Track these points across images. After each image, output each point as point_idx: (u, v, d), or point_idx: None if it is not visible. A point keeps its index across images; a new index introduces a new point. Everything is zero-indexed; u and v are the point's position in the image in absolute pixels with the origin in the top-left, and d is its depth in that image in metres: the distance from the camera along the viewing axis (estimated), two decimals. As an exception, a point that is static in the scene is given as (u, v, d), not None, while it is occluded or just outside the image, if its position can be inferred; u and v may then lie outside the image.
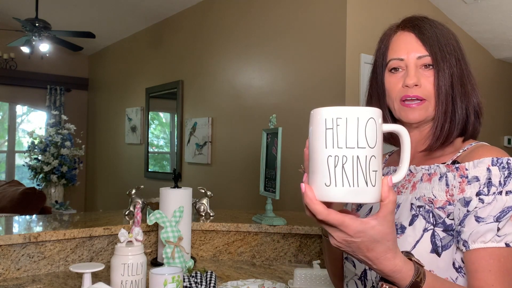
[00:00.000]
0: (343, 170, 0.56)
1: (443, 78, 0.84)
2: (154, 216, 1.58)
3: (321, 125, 0.57)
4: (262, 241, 1.87)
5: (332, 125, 0.56)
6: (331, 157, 0.56)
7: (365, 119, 0.57)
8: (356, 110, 0.57)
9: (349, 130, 0.56)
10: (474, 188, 0.77)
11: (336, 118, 0.56)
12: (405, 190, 0.89)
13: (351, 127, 0.56)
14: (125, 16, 5.27)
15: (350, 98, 3.13)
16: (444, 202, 0.80)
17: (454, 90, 0.85)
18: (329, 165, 0.57)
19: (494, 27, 3.86)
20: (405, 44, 0.88)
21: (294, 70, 3.50)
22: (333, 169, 0.56)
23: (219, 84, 4.30)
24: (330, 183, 0.57)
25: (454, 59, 0.85)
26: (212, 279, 1.41)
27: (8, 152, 6.46)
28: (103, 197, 6.53)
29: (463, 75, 0.86)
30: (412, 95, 0.85)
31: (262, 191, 1.97)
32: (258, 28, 3.87)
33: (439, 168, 0.85)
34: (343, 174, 0.56)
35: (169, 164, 5.17)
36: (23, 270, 1.55)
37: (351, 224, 0.59)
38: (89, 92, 7.06)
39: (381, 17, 3.32)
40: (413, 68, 0.86)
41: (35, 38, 4.45)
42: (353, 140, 0.56)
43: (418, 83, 0.85)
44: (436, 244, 0.78)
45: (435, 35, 0.86)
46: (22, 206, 4.35)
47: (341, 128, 0.56)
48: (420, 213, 0.82)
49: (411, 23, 0.89)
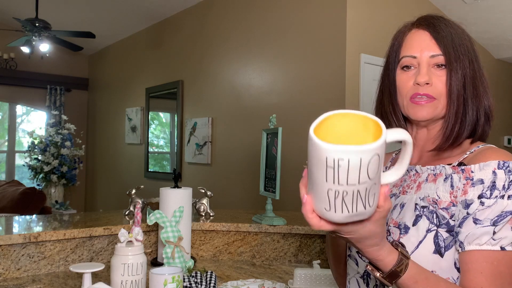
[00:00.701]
0: (343, 201, 0.56)
1: (455, 78, 0.83)
2: (154, 216, 1.58)
3: (322, 161, 0.54)
4: (262, 241, 1.87)
5: (333, 165, 0.53)
6: (331, 190, 0.55)
7: (368, 158, 0.53)
8: (359, 150, 0.52)
9: (351, 171, 0.53)
10: (477, 191, 0.77)
11: (338, 159, 0.52)
12: (410, 190, 0.88)
13: (353, 168, 0.53)
14: (125, 16, 5.27)
15: (350, 98, 3.13)
16: (448, 203, 0.80)
17: (466, 91, 0.84)
18: (329, 196, 0.56)
19: (494, 27, 3.86)
20: (419, 42, 0.87)
21: (294, 70, 3.50)
22: (333, 200, 0.56)
23: (219, 84, 4.30)
24: (329, 209, 0.58)
25: (467, 60, 0.85)
26: (212, 279, 1.41)
27: (8, 152, 6.46)
28: (103, 197, 6.53)
29: (475, 77, 0.85)
30: (423, 93, 0.85)
31: (262, 191, 1.97)
32: (258, 28, 3.87)
33: (444, 169, 0.84)
34: (343, 204, 0.56)
35: (169, 164, 5.17)
36: (23, 270, 1.55)
37: (344, 229, 0.64)
38: (89, 92, 7.06)
39: (381, 17, 3.32)
40: (425, 66, 0.85)
41: (35, 38, 4.45)
42: (354, 179, 0.54)
43: (430, 81, 0.85)
44: (439, 245, 0.78)
45: (449, 34, 0.85)
46: (22, 206, 4.35)
47: (342, 169, 0.53)
48: (424, 213, 0.82)
49: (426, 21, 0.88)
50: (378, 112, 0.97)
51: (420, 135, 0.92)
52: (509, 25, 3.81)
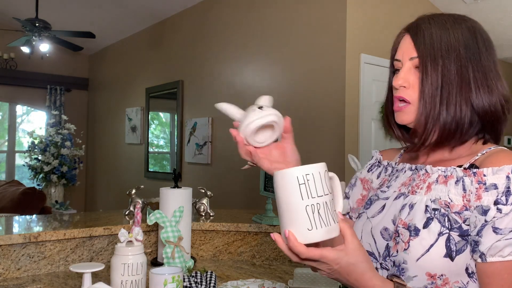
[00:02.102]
0: (319, 215, 0.70)
1: (429, 79, 0.82)
2: (154, 216, 1.58)
3: (294, 183, 0.70)
4: (262, 241, 1.87)
5: (304, 181, 0.70)
6: (308, 206, 0.70)
7: (323, 172, 0.72)
8: (316, 166, 0.72)
9: (317, 182, 0.71)
10: (492, 196, 0.75)
11: (306, 175, 0.70)
12: (419, 190, 0.86)
13: (318, 180, 0.71)
14: (125, 16, 5.27)
15: (350, 98, 3.13)
16: (461, 207, 0.79)
17: (442, 92, 0.82)
18: (308, 213, 0.70)
19: (494, 27, 3.86)
20: (402, 46, 0.88)
21: (294, 70, 3.51)
22: (311, 215, 0.70)
23: (219, 84, 4.30)
24: (311, 227, 0.70)
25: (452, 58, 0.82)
26: (212, 279, 1.41)
27: (8, 152, 6.46)
28: (103, 197, 6.53)
29: (465, 76, 0.82)
30: (397, 96, 0.87)
31: (262, 191, 1.97)
32: (258, 28, 3.87)
33: (455, 171, 0.82)
34: (320, 218, 0.70)
35: (169, 164, 5.17)
36: (23, 270, 1.56)
37: (329, 255, 0.71)
38: (89, 92, 7.06)
39: (381, 17, 3.32)
40: (405, 69, 0.86)
41: (35, 38, 4.45)
42: (321, 189, 0.71)
43: (405, 84, 0.85)
44: (451, 249, 0.77)
45: (429, 35, 0.84)
46: (22, 206, 4.35)
47: (311, 182, 0.70)
48: (436, 216, 0.80)
49: (412, 24, 0.89)
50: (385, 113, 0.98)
51: None
52: (509, 25, 3.81)
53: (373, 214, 0.92)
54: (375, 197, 0.96)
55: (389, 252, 0.85)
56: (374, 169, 1.05)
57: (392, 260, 0.84)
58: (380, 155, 1.07)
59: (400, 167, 0.97)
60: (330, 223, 0.71)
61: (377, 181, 1.02)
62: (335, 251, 0.71)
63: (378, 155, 1.07)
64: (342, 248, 0.72)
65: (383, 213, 0.90)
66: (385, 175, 1.01)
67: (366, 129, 3.26)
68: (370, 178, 1.04)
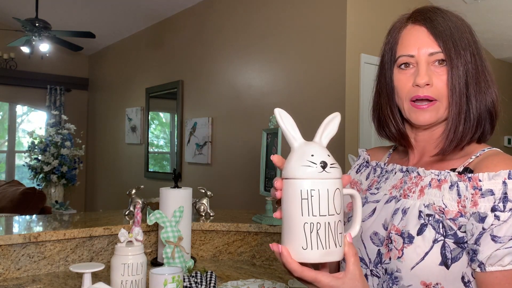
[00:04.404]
0: (317, 236, 0.64)
1: (457, 76, 0.78)
2: (154, 216, 1.58)
3: (297, 195, 0.65)
4: (262, 241, 1.87)
5: (307, 196, 0.64)
6: (307, 223, 0.64)
7: (333, 190, 0.65)
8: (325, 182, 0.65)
9: (322, 200, 0.64)
10: (489, 203, 0.72)
11: (310, 190, 0.64)
12: (412, 194, 0.82)
13: (323, 198, 0.64)
14: (125, 16, 5.27)
15: (350, 98, 3.13)
16: (455, 213, 0.75)
17: (468, 89, 0.78)
18: (305, 231, 0.64)
19: (494, 27, 3.86)
20: (416, 40, 0.81)
21: (294, 70, 3.51)
22: (309, 234, 0.64)
23: (219, 84, 4.30)
24: (306, 247, 0.65)
25: (469, 54, 0.79)
26: (212, 279, 1.41)
27: (8, 152, 6.46)
28: (103, 197, 6.53)
29: (478, 72, 0.80)
30: (423, 96, 0.79)
31: (262, 191, 1.97)
32: (258, 28, 3.87)
33: (449, 175, 0.78)
34: (318, 239, 0.64)
35: (169, 164, 5.17)
36: (23, 270, 1.55)
37: (323, 280, 0.65)
38: (89, 92, 7.06)
39: (381, 17, 3.32)
40: (424, 65, 0.80)
41: (35, 38, 4.45)
42: (325, 209, 0.64)
43: (430, 82, 0.79)
44: (446, 257, 0.74)
45: (448, 28, 0.79)
46: (22, 206, 4.35)
47: (315, 199, 0.64)
48: (430, 222, 0.76)
49: (422, 15, 0.83)
50: (375, 115, 0.92)
51: (421, 137, 0.87)
52: (509, 25, 3.81)
53: (363, 218, 0.87)
54: (364, 199, 0.91)
55: (381, 259, 0.82)
56: (362, 170, 1.01)
57: (384, 267, 0.81)
58: (367, 154, 1.02)
59: (389, 168, 0.93)
60: (329, 246, 0.64)
61: (366, 183, 0.97)
62: (331, 278, 0.66)
63: (366, 154, 1.02)
64: (341, 276, 0.67)
65: (374, 217, 0.86)
66: (374, 176, 0.96)
67: (366, 129, 3.26)
68: (359, 179, 1.00)
